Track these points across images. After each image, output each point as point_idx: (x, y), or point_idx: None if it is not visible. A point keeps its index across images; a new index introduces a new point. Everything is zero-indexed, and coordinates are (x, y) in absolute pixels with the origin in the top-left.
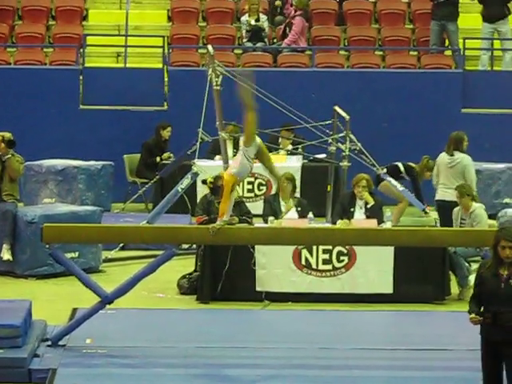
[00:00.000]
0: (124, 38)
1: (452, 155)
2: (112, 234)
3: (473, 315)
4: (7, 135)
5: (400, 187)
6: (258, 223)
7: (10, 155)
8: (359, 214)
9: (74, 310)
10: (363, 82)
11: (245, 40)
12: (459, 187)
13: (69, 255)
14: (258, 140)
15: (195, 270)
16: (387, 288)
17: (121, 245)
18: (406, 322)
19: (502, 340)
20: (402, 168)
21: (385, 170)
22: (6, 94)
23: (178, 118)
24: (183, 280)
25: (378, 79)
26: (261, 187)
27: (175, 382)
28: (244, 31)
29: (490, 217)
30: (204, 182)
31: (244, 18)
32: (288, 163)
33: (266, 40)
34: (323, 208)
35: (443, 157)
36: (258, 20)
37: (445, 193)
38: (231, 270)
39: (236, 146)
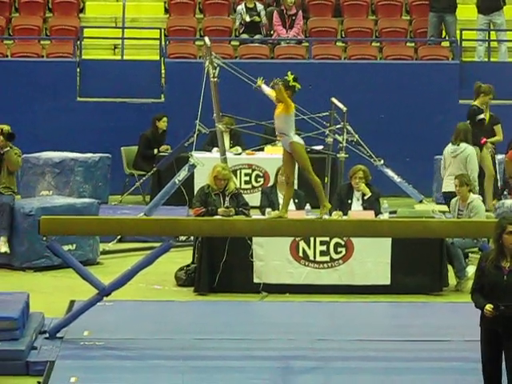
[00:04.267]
0: (121, 30)
1: (458, 145)
2: (109, 226)
3: (489, 305)
4: (6, 128)
5: (397, 178)
6: (256, 215)
7: (8, 148)
8: (356, 205)
9: (72, 303)
10: (360, 73)
11: (240, 31)
12: (459, 176)
13: (66, 247)
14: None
15: (193, 262)
16: (384, 279)
17: (118, 237)
18: (404, 313)
19: (503, 331)
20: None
21: (382, 162)
22: (3, 86)
23: (175, 110)
24: (181, 272)
25: (375, 71)
26: (258, 179)
27: (173, 374)
28: (238, 22)
29: None
30: None
31: (240, 8)
32: None
33: (262, 31)
34: None
35: (449, 147)
36: (254, 9)
37: (452, 184)
38: (229, 262)
39: (233, 138)
